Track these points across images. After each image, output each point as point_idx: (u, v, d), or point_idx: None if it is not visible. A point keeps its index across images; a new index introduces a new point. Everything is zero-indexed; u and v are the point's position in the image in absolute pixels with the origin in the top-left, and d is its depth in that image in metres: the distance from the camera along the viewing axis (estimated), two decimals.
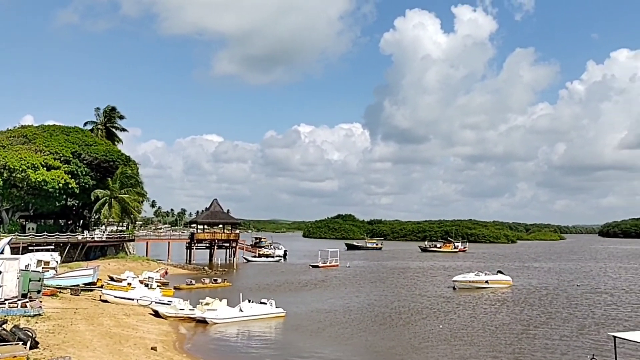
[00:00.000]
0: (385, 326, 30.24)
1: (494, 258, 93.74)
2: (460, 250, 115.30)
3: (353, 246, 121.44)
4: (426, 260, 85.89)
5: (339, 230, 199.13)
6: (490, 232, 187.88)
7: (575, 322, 31.88)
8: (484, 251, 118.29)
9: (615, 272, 67.33)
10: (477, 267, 65.07)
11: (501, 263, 78.95)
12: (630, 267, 75.95)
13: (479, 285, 47.85)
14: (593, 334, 28.04)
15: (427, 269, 69.94)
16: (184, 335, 26.69)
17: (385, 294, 44.01)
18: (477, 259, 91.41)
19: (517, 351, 24.61)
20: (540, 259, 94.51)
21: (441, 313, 34.65)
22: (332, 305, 36.99)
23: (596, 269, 71.85)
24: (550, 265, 78.52)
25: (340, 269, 66.46)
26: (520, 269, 68.92)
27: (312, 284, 49.82)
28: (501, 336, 27.78)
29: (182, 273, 55.86)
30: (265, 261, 77.47)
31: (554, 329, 29.78)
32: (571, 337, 27.48)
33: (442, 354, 24.03)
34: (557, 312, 35.33)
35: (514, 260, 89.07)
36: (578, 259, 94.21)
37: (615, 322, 31.92)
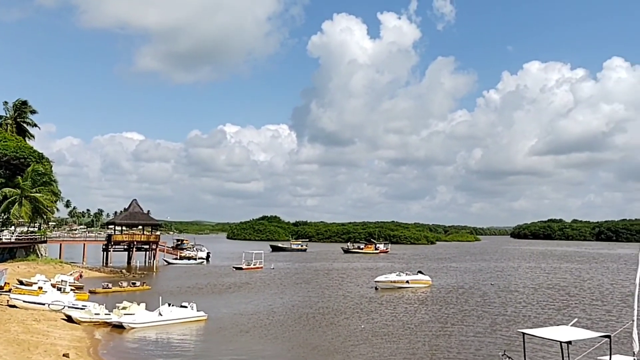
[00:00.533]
0: (309, 327, 30.29)
1: (415, 259, 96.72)
2: (382, 251, 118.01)
3: (278, 248, 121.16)
4: (350, 262, 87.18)
5: (264, 232, 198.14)
6: (412, 233, 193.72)
7: (489, 319, 33.41)
8: (405, 252, 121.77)
9: (525, 272, 71.40)
10: (399, 268, 66.82)
11: (421, 263, 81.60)
12: (538, 267, 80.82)
13: (400, 285, 49.13)
14: (505, 331, 29.47)
15: (351, 270, 70.97)
16: (99, 340, 25.41)
17: (310, 295, 44.15)
18: (398, 259, 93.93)
19: (434, 348, 25.42)
20: (457, 259, 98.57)
21: (363, 313, 35.21)
22: (256, 308, 36.62)
23: (508, 269, 75.91)
24: (467, 265, 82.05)
25: (264, 271, 66.02)
26: (439, 269, 71.51)
27: (235, 287, 49.11)
28: (420, 334, 28.63)
29: (98, 276, 53.41)
30: (187, 263, 75.61)
31: (469, 326, 31.06)
32: (485, 334, 28.76)
33: (363, 352, 24.40)
34: (472, 310, 36.89)
35: (433, 260, 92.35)
36: (492, 259, 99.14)
37: (525, 319, 33.75)
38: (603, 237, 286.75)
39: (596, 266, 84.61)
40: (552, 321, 31.21)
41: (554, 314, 35.38)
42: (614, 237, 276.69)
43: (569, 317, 32.56)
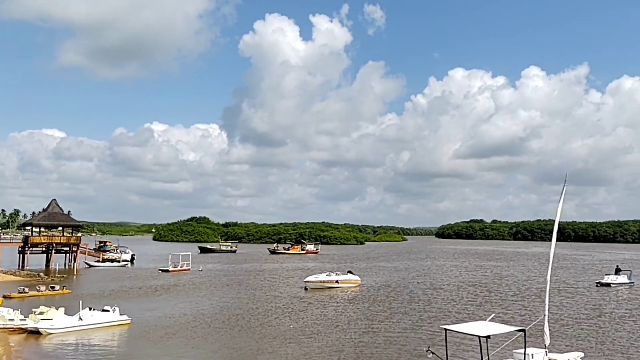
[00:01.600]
0: (238, 328, 29.95)
1: (345, 259, 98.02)
2: (312, 252, 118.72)
3: (206, 249, 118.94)
4: (280, 262, 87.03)
5: (192, 233, 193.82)
6: (342, 234, 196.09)
7: (415, 316, 34.42)
8: (335, 252, 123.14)
9: (449, 270, 74.15)
10: (329, 268, 67.47)
11: (351, 263, 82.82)
12: (461, 265, 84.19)
13: (330, 285, 49.63)
14: (429, 327, 30.44)
15: (281, 270, 70.86)
16: (12, 347, 23.94)
17: (239, 296, 43.68)
18: (329, 260, 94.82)
19: (361, 345, 25.86)
20: (385, 259, 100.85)
21: (293, 313, 35.27)
22: (183, 311, 35.77)
23: (434, 267, 78.59)
24: (394, 264, 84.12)
25: (192, 273, 64.64)
26: (368, 269, 72.88)
27: (161, 289, 47.75)
28: (348, 331, 29.04)
29: (14, 280, 50.34)
30: (110, 266, 72.74)
31: (395, 323, 31.85)
32: (410, 330, 29.58)
33: (291, 351, 24.43)
34: (399, 308, 37.87)
35: (363, 260, 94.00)
36: (418, 259, 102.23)
37: (448, 315, 35.02)
38: (520, 236, 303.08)
39: (513, 264, 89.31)
40: (474, 317, 32.53)
41: (476, 310, 36.94)
42: (529, 236, 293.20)
43: (489, 312, 33.99)
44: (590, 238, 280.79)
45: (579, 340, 27.32)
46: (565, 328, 30.78)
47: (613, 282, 54.75)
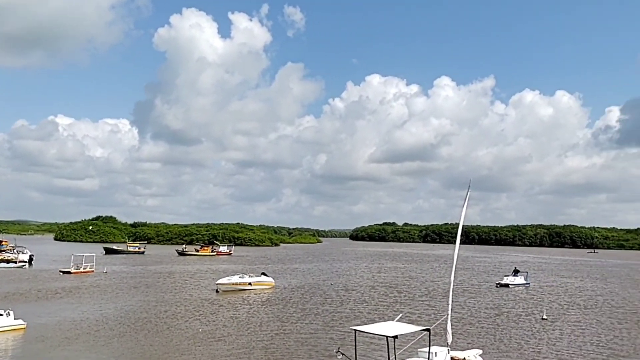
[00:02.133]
0: (144, 332, 28.72)
1: (259, 260, 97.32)
2: (225, 253, 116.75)
3: (112, 250, 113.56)
4: (192, 264, 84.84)
5: (98, 233, 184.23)
6: (256, 235, 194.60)
7: (327, 317, 34.72)
8: (249, 254, 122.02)
9: (362, 271, 75.71)
10: (242, 270, 66.65)
11: (265, 265, 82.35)
12: (373, 267, 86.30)
13: (243, 287, 48.98)
14: (341, 328, 30.79)
15: (192, 272, 69.04)
16: None
17: (147, 299, 41.99)
18: (242, 261, 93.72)
19: (272, 346, 25.66)
20: (300, 260, 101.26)
21: (203, 316, 34.41)
22: (85, 314, 33.80)
23: (347, 269, 79.89)
24: (309, 266, 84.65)
25: (96, 275, 61.40)
26: (283, 271, 72.78)
27: (62, 292, 44.90)
28: (259, 333, 28.73)
29: None
30: (5, 267, 67.56)
31: (307, 324, 31.95)
32: (322, 332, 29.77)
33: (199, 355, 23.77)
34: (312, 309, 38.05)
35: (277, 262, 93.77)
36: (332, 260, 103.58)
37: (360, 315, 35.63)
38: (429, 239, 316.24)
39: (422, 266, 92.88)
40: (384, 317, 33.35)
41: (386, 310, 37.89)
42: (437, 239, 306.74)
43: (398, 312, 35.06)
44: (492, 241, 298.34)
45: (479, 338, 28.77)
46: (467, 326, 32.31)
47: (511, 283, 58.33)
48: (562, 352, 25.65)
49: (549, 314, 37.23)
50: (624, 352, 26.16)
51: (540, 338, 29.10)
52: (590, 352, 26.17)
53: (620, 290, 57.57)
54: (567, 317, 37.18)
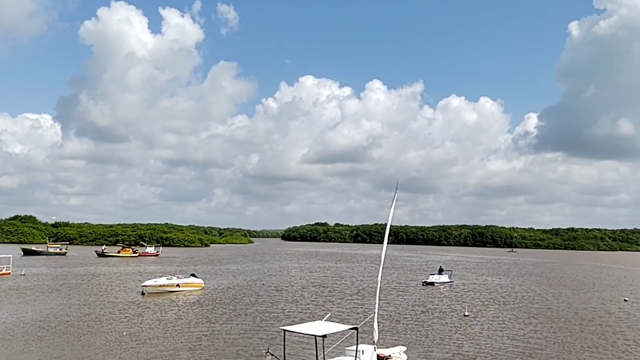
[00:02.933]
0: (66, 336, 27.47)
1: (188, 261, 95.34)
2: (152, 254, 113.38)
3: (31, 251, 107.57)
4: (117, 266, 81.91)
5: (16, 234, 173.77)
6: (186, 236, 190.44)
7: (258, 317, 34.60)
8: (178, 255, 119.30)
9: (294, 271, 75.94)
10: (170, 271, 65.14)
11: (195, 266, 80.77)
12: (305, 267, 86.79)
13: (171, 289, 47.88)
14: (271, 328, 30.80)
15: (118, 274, 66.68)
16: None
17: (69, 302, 40.14)
18: (170, 262, 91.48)
19: (199, 347, 25.27)
20: (231, 261, 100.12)
21: (127, 319, 33.35)
22: (0, 319, 31.94)
23: (279, 269, 79.86)
24: (240, 267, 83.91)
25: (13, 278, 58.01)
26: (214, 272, 71.71)
27: None
28: (186, 335, 28.21)
29: None
30: None
31: (237, 325, 31.71)
32: (252, 332, 29.63)
33: (122, 357, 23.07)
34: (242, 310, 37.78)
35: (208, 263, 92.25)
36: (264, 261, 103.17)
37: (291, 315, 35.73)
38: (359, 239, 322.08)
39: (353, 265, 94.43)
40: (315, 316, 33.64)
41: (316, 310, 38.24)
42: (368, 239, 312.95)
43: (328, 311, 35.53)
44: (420, 241, 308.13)
45: (405, 335, 29.69)
46: (393, 324, 33.23)
47: (436, 281, 60.49)
48: (481, 346, 26.94)
49: (470, 311, 38.94)
50: (538, 345, 27.83)
51: (461, 334, 30.40)
52: (508, 345, 27.66)
53: (536, 287, 61.07)
54: (487, 313, 39.05)
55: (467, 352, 25.85)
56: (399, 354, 21.81)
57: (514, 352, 25.96)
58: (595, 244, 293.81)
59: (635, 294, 54.34)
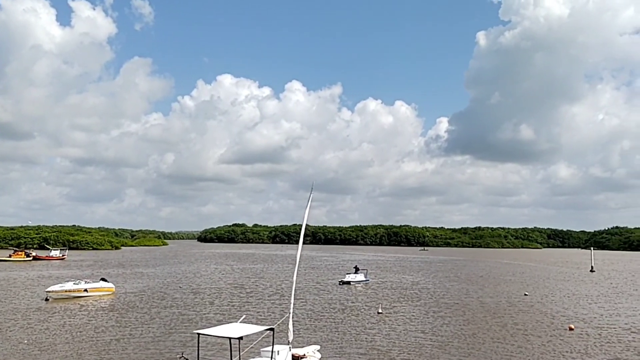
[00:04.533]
0: None
1: (97, 265, 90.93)
2: (58, 258, 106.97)
3: None
4: (18, 271, 76.58)
5: None
6: (95, 238, 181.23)
7: (173, 321, 33.66)
8: (86, 258, 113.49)
9: (211, 273, 74.59)
10: (78, 276, 61.95)
11: (105, 270, 77.18)
12: (223, 269, 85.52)
13: (78, 294, 45.54)
14: (185, 332, 30.11)
15: (20, 280, 62.37)
16: None
17: None
18: (77, 267, 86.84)
19: (107, 353, 24.27)
20: (145, 264, 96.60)
21: (29, 326, 31.34)
22: None
23: (195, 271, 78.06)
24: (154, 270, 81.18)
25: None
26: (125, 275, 68.86)
27: None
28: (94, 341, 26.94)
29: None
30: None
31: (150, 329, 30.70)
32: (165, 336, 28.77)
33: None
34: (156, 314, 36.60)
35: (118, 266, 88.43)
36: (180, 263, 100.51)
37: (208, 318, 35.06)
38: (278, 239, 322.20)
39: (271, 266, 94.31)
40: (232, 318, 33.23)
41: (233, 311, 37.81)
42: (286, 239, 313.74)
43: (246, 313, 35.32)
44: (337, 241, 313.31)
45: (320, 333, 30.14)
46: (309, 323, 33.62)
47: (352, 280, 61.83)
48: (394, 342, 27.91)
49: (383, 308, 40.18)
50: (448, 337, 29.25)
51: (375, 331, 31.31)
52: (419, 338, 28.87)
53: (446, 283, 64.07)
54: (400, 309, 40.47)
55: (380, 347, 26.69)
56: (313, 352, 22.15)
57: (425, 345, 27.13)
58: (500, 242, 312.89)
59: (533, 289, 58.42)
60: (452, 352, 26.09)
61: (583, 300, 48.21)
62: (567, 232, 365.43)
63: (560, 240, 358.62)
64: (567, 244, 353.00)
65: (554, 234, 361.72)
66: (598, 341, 29.04)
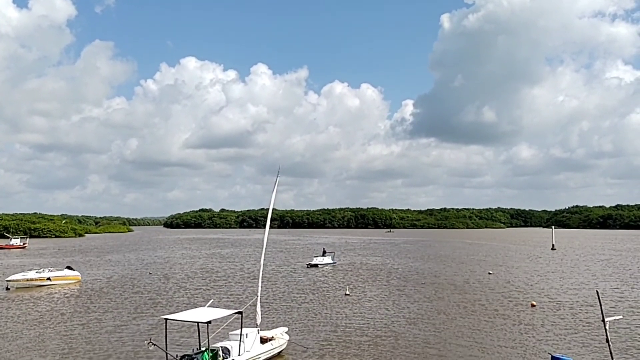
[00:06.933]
0: None
1: (60, 253, 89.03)
2: (19, 246, 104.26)
3: None
4: None
5: None
6: (57, 226, 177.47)
7: (140, 307, 33.27)
8: (48, 246, 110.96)
9: (179, 259, 73.88)
10: (41, 264, 60.58)
11: (69, 257, 75.66)
12: (191, 254, 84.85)
13: (41, 282, 44.55)
14: (153, 317, 29.82)
15: None
16: None
17: None
18: (39, 255, 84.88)
19: (72, 342, 23.88)
20: (109, 251, 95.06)
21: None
22: None
23: (163, 258, 77.17)
24: (120, 256, 79.99)
25: None
26: (91, 263, 67.57)
27: None
28: (56, 328, 26.46)
29: None
30: None
31: (118, 316, 30.25)
32: (133, 323, 28.43)
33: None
34: (123, 301, 36.05)
35: (82, 254, 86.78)
36: (147, 249, 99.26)
37: (175, 303, 34.83)
38: (245, 224, 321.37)
39: (239, 250, 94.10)
40: (201, 303, 33.06)
41: (202, 296, 37.65)
42: (254, 224, 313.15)
43: (214, 297, 35.21)
44: (305, 224, 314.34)
45: (288, 315, 30.37)
46: (277, 306, 33.81)
47: (320, 262, 62.28)
48: (358, 323, 28.28)
49: (351, 290, 40.65)
50: (415, 314, 29.88)
51: (341, 312, 31.66)
52: (388, 316, 29.41)
53: (412, 263, 65.16)
54: (368, 290, 41.02)
55: (349, 326, 27.08)
56: (281, 334, 22.32)
57: (395, 323, 27.62)
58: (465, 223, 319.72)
59: (498, 268, 60.01)
60: (421, 328, 26.72)
61: (544, 278, 49.80)
62: (530, 212, 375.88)
63: (523, 220, 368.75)
64: (529, 223, 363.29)
65: (517, 213, 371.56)
66: (558, 316, 30.12)
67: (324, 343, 23.60)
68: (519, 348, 22.80)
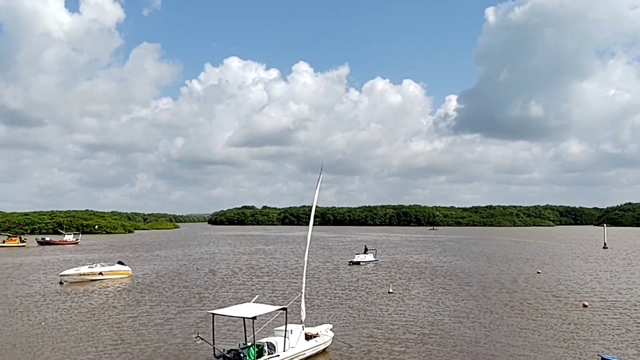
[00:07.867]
0: None
1: (111, 249, 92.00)
2: (72, 242, 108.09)
3: None
4: (36, 255, 77.69)
5: None
6: (108, 222, 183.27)
7: (188, 302, 34.00)
8: (100, 242, 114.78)
9: (224, 255, 75.13)
10: (93, 259, 62.75)
11: (120, 253, 78.06)
12: (235, 250, 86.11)
13: (93, 277, 46.12)
14: (200, 312, 30.42)
15: (33, 264, 63.25)
16: None
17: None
18: (90, 250, 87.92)
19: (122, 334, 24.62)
20: (158, 247, 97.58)
21: (46, 307, 31.88)
22: None
23: (208, 253, 78.65)
24: (168, 252, 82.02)
25: None
26: (140, 258, 69.55)
27: None
28: (108, 320, 27.33)
29: None
30: None
31: (167, 309, 31.03)
32: (182, 316, 29.09)
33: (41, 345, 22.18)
34: (172, 295, 36.95)
35: (132, 249, 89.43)
36: (193, 245, 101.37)
37: (221, 298, 35.41)
38: (287, 221, 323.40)
39: (282, 247, 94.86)
40: (246, 299, 33.50)
41: (248, 292, 38.10)
42: (295, 221, 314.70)
43: (259, 293, 35.62)
44: (347, 222, 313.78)
45: (332, 312, 30.40)
46: (321, 303, 33.88)
47: (362, 260, 62.06)
48: (402, 321, 28.04)
49: (394, 288, 40.34)
50: (461, 313, 29.40)
51: (385, 310, 31.46)
52: (433, 315, 29.03)
53: (457, 261, 64.12)
54: (411, 288, 40.63)
55: (393, 324, 26.89)
56: (325, 331, 22.36)
57: (441, 322, 27.25)
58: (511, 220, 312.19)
59: (547, 267, 58.37)
60: (469, 326, 26.28)
61: (596, 277, 48.12)
62: (580, 209, 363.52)
63: (573, 218, 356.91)
64: (579, 221, 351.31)
65: (566, 211, 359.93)
66: (611, 317, 29.05)
67: (368, 340, 23.53)
68: (569, 349, 22.12)
